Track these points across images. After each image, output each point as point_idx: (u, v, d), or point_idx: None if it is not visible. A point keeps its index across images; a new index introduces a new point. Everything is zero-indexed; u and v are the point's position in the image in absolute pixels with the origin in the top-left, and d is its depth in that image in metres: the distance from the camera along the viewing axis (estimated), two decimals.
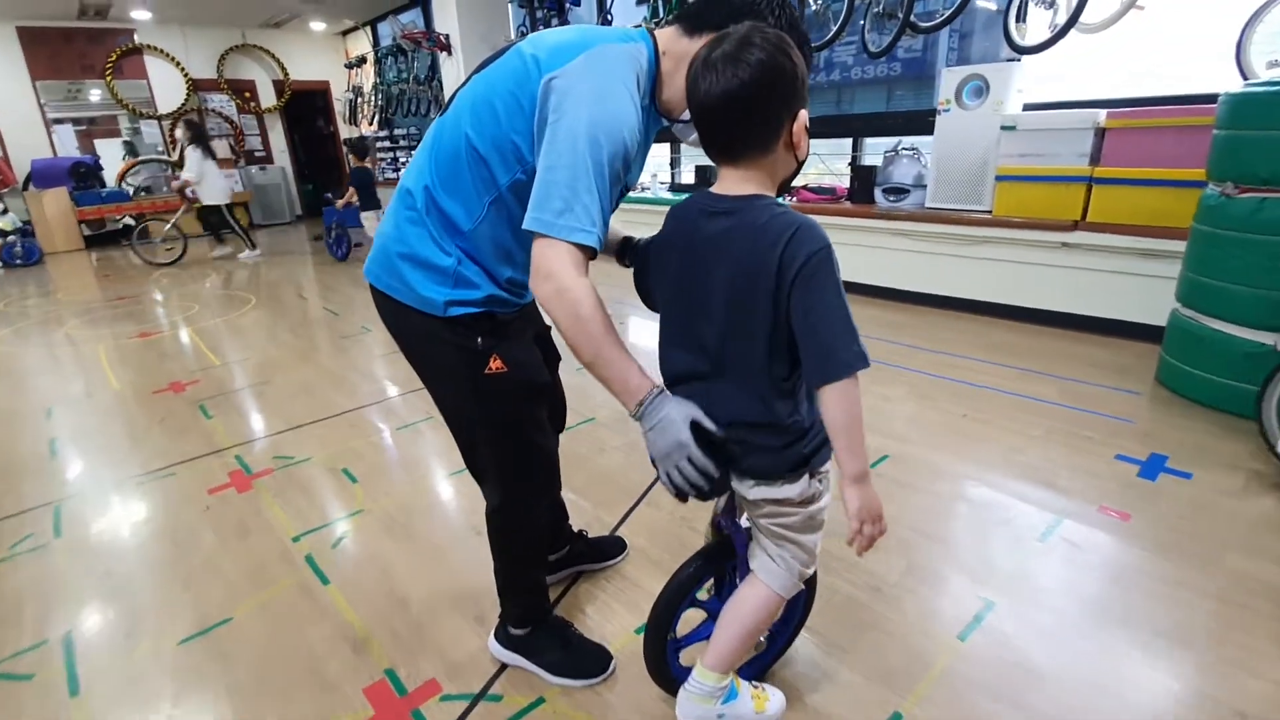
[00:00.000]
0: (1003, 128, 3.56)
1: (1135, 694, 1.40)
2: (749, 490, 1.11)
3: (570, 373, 1.53)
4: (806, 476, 1.10)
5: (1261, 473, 2.16)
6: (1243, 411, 2.48)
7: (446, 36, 7.19)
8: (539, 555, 1.54)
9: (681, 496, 1.07)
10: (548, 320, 1.12)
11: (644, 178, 6.63)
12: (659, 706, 1.41)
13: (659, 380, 1.10)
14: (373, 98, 9.99)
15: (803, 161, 1.06)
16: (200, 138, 6.84)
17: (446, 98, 7.36)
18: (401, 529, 2.13)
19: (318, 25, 10.08)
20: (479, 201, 1.16)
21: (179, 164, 9.33)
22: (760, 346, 1.01)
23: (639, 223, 6.65)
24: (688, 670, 1.34)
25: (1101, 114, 3.27)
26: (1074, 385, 2.93)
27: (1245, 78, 2.92)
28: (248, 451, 2.73)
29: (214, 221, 7.30)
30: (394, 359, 3.80)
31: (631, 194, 6.14)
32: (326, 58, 10.83)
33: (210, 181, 6.88)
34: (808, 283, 0.95)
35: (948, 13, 3.67)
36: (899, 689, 1.44)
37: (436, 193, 1.17)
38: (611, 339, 1.04)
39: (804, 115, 0.99)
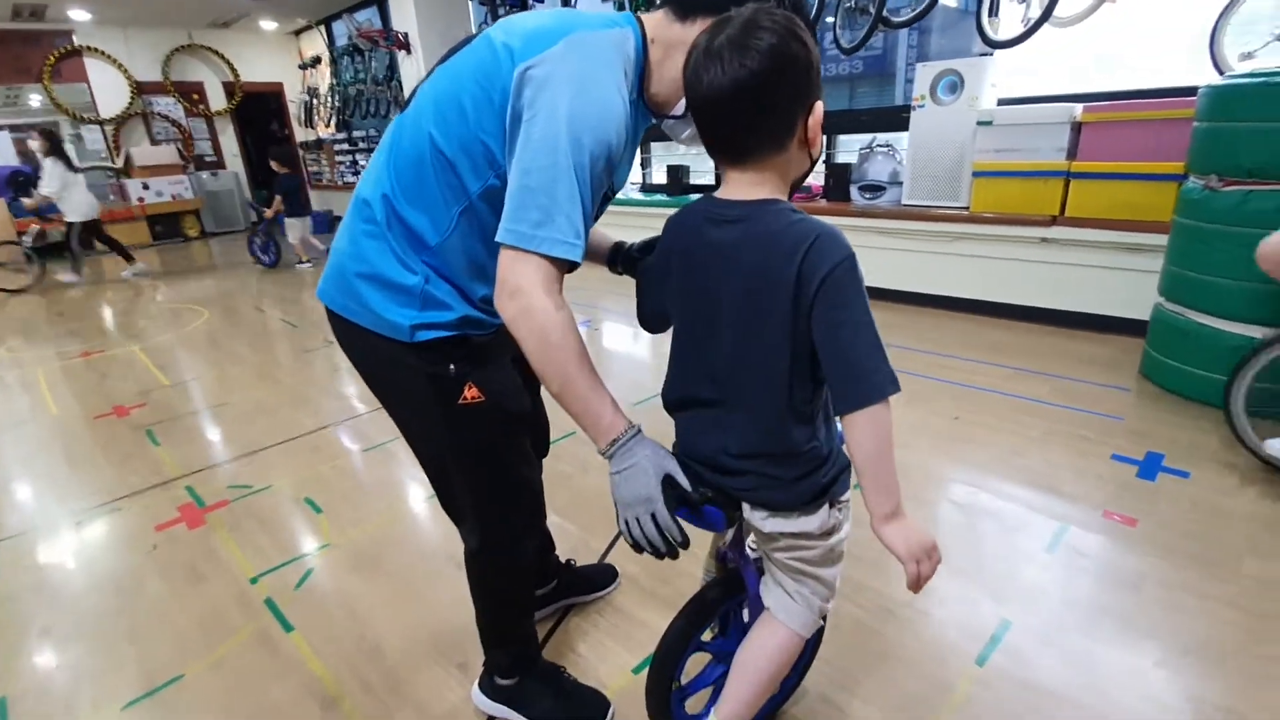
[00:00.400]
0: (979, 123, 3.52)
1: (1164, 713, 1.32)
2: (763, 523, 0.99)
3: (552, 405, 1.39)
4: (826, 506, 0.99)
5: (1256, 469, 2.13)
6: (1226, 405, 2.46)
7: (405, 35, 6.96)
8: (527, 601, 1.40)
9: (637, 549, 0.96)
10: None
11: None
12: None
13: (634, 415, 0.98)
14: (329, 99, 9.66)
15: (816, 159, 0.95)
16: (58, 149, 6.15)
17: (407, 95, 7.29)
18: (372, 564, 1.97)
19: (268, 24, 9.70)
20: (447, 212, 1.02)
21: (126, 171, 8.94)
22: (779, 369, 0.90)
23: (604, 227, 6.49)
24: (695, 718, 1.22)
25: (1078, 108, 3.25)
26: (1063, 383, 2.89)
27: (1219, 70, 2.91)
28: (200, 482, 2.53)
29: (84, 239, 6.50)
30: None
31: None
32: (279, 58, 10.43)
33: (74, 195, 6.18)
34: (833, 297, 0.84)
35: (919, 8, 3.63)
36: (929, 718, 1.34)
37: (398, 202, 1.03)
38: (583, 367, 0.93)
39: (819, 108, 0.88)
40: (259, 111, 10.68)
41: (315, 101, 10.09)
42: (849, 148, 4.80)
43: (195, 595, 1.88)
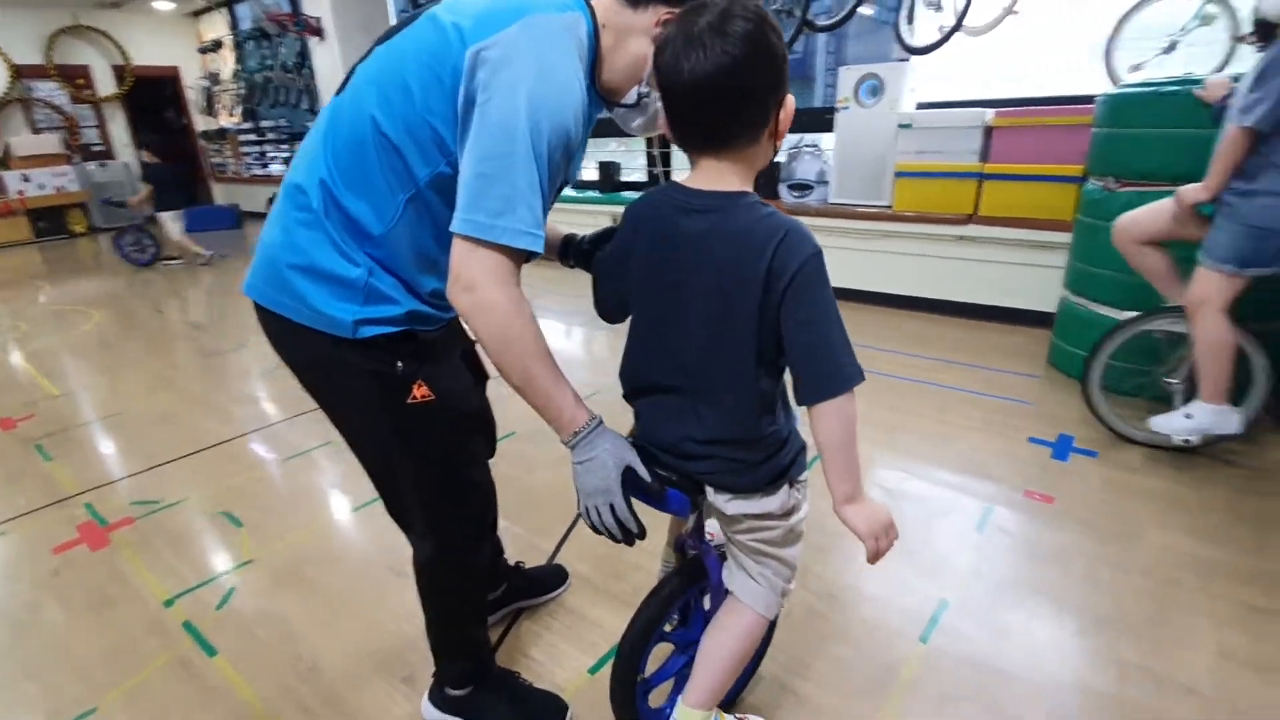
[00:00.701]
0: (899, 125, 3.68)
1: (1093, 678, 1.41)
2: (726, 505, 1.00)
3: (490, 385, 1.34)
4: (786, 486, 1.01)
5: (1155, 450, 2.32)
6: (1128, 391, 2.68)
7: (318, 20, 6.60)
8: (480, 607, 1.35)
9: (596, 532, 0.99)
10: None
11: None
12: None
13: (592, 405, 0.99)
14: (233, 86, 9.06)
15: (777, 152, 0.96)
16: None
17: (334, 80, 6.78)
18: (302, 579, 1.85)
19: (163, 5, 8.99)
20: (392, 200, 0.96)
21: (4, 162, 8.05)
22: (748, 360, 0.90)
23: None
24: (658, 712, 1.21)
25: (989, 113, 3.45)
26: (982, 372, 3.06)
27: (1113, 80, 3.16)
28: (101, 499, 2.31)
29: None
30: (278, 376, 3.39)
31: None
32: (176, 41, 9.69)
33: None
34: (802, 293, 0.86)
35: (841, 14, 3.76)
36: (873, 702, 1.38)
37: (337, 189, 0.96)
38: (545, 361, 0.92)
39: (791, 101, 0.88)
40: (153, 98, 9.87)
41: (217, 88, 9.45)
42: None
43: (103, 622, 1.71)
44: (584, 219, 5.15)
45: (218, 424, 2.87)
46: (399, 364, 1.02)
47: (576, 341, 3.80)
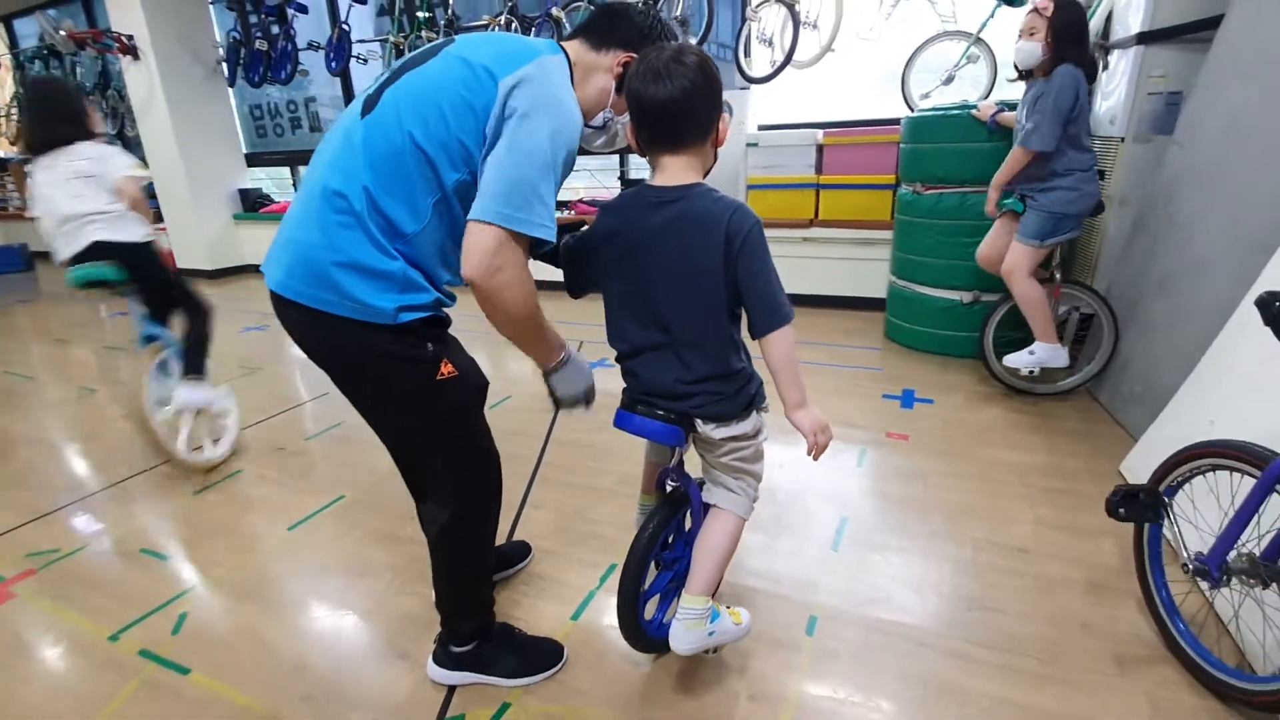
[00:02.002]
0: (748, 144, 4.22)
1: (957, 551, 1.86)
2: (714, 432, 1.28)
3: None
4: (755, 412, 1.32)
5: (974, 391, 2.94)
6: (944, 351, 3.35)
7: (131, 38, 6.03)
8: (490, 566, 1.51)
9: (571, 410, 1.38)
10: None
11: None
12: (624, 684, 1.49)
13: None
14: (12, 111, 7.92)
15: (716, 160, 1.26)
16: None
17: (152, 101, 6.12)
18: (259, 595, 1.85)
19: None
20: (423, 203, 1.13)
21: None
22: (720, 308, 1.20)
23: None
24: (650, 622, 1.45)
25: (820, 133, 4.08)
26: (835, 349, 3.62)
27: (909, 105, 3.90)
28: None
29: None
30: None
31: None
32: None
33: None
34: (751, 251, 1.16)
35: (694, 42, 4.24)
36: (809, 587, 1.72)
37: (377, 194, 1.10)
38: (546, 327, 1.24)
39: (726, 117, 1.20)
40: None
41: None
42: (639, 165, 5.32)
43: (42, 667, 1.61)
44: None
45: (99, 470, 2.65)
46: (429, 345, 1.19)
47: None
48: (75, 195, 2.35)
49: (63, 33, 6.45)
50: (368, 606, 1.77)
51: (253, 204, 6.74)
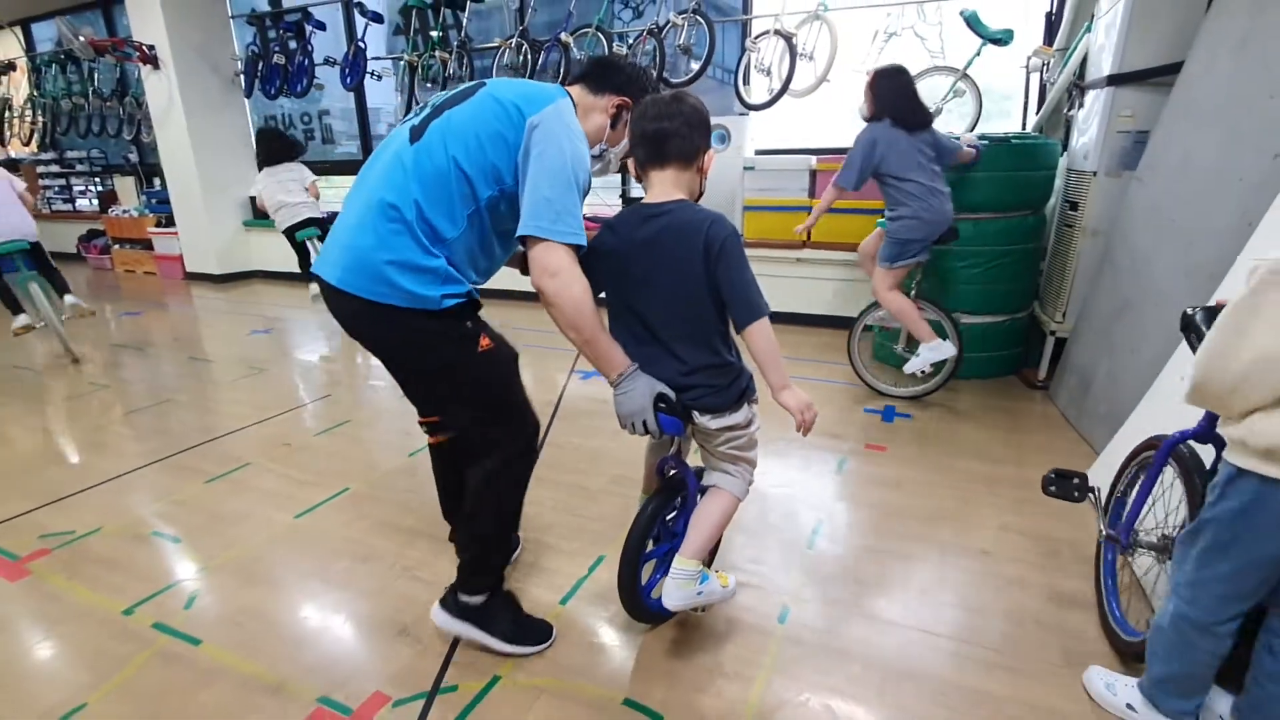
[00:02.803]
0: (745, 168, 4.39)
1: (924, 553, 1.98)
2: (710, 423, 1.45)
3: (396, 417, 1.65)
4: (746, 404, 1.48)
5: (952, 408, 3.07)
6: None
7: (152, 48, 6.23)
8: (514, 527, 1.67)
9: (633, 432, 1.44)
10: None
11: None
12: (606, 662, 1.61)
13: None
14: (26, 113, 8.10)
15: (703, 190, 1.47)
16: None
17: (170, 110, 6.29)
18: (267, 577, 1.96)
19: None
20: (461, 214, 1.37)
21: None
22: (706, 303, 1.38)
23: None
24: (647, 587, 1.61)
25: (813, 159, 4.25)
26: (823, 365, 3.76)
27: None
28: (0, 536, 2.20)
29: None
30: (164, 410, 3.29)
31: None
32: None
33: None
34: (728, 257, 1.33)
35: (691, 75, 4.42)
36: (784, 581, 1.84)
37: (425, 206, 1.33)
38: (601, 325, 1.37)
39: (711, 153, 1.42)
40: None
41: (8, 114, 8.38)
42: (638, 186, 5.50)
43: (57, 639, 1.72)
44: None
45: (106, 461, 2.76)
46: (469, 323, 1.42)
47: None
48: (288, 190, 4.66)
49: (82, 39, 6.65)
50: (370, 587, 1.88)
51: (263, 211, 6.89)
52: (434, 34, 5.30)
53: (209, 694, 1.53)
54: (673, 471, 1.56)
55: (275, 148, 4.75)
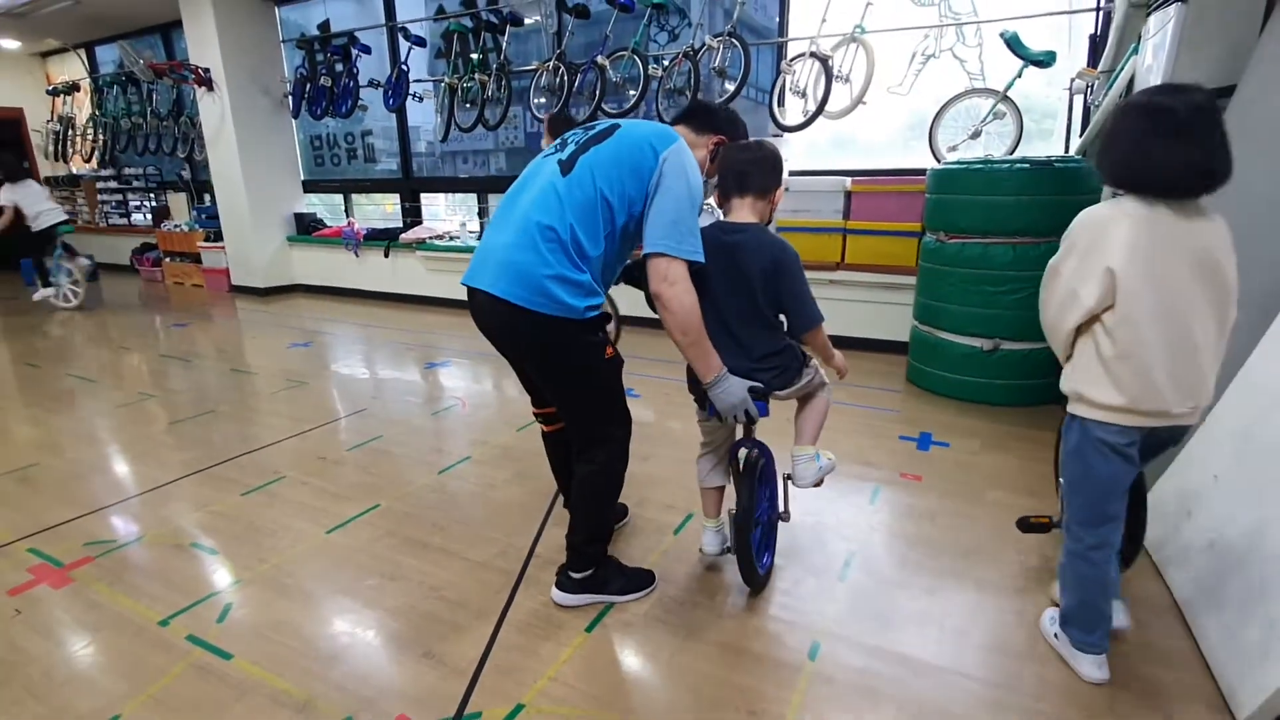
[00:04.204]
0: None
1: (959, 588, 1.91)
2: (784, 393, 1.79)
3: (429, 434, 1.66)
4: (804, 368, 1.81)
5: (989, 437, 2.99)
6: (963, 396, 3.40)
7: (207, 71, 6.50)
8: (616, 505, 2.04)
9: (737, 422, 1.73)
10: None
11: (453, 226, 6.64)
12: (634, 696, 1.59)
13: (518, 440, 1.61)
14: (88, 131, 8.50)
15: (773, 218, 1.74)
16: None
17: (223, 130, 6.51)
18: (299, 592, 1.99)
19: (8, 44, 8.38)
20: (602, 235, 1.61)
21: None
22: (770, 310, 1.71)
23: (445, 270, 6.48)
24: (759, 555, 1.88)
25: (848, 181, 4.22)
26: (857, 389, 3.68)
27: (936, 157, 4.01)
28: (46, 543, 2.27)
29: None
30: (206, 420, 3.38)
31: (439, 243, 6.06)
32: (18, 81, 9.03)
33: None
34: (790, 274, 1.68)
35: (726, 97, 4.43)
36: (815, 614, 1.79)
37: (577, 229, 1.58)
38: (706, 331, 1.61)
39: (782, 190, 1.68)
40: None
41: (70, 132, 8.81)
42: None
43: (96, 647, 1.76)
44: None
45: (151, 470, 2.85)
46: (600, 334, 1.69)
47: (488, 388, 4.06)
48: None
49: (142, 62, 6.97)
50: (398, 605, 1.89)
51: (307, 227, 7.12)
52: (474, 57, 5.42)
53: (240, 707, 1.55)
54: (746, 451, 1.82)
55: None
